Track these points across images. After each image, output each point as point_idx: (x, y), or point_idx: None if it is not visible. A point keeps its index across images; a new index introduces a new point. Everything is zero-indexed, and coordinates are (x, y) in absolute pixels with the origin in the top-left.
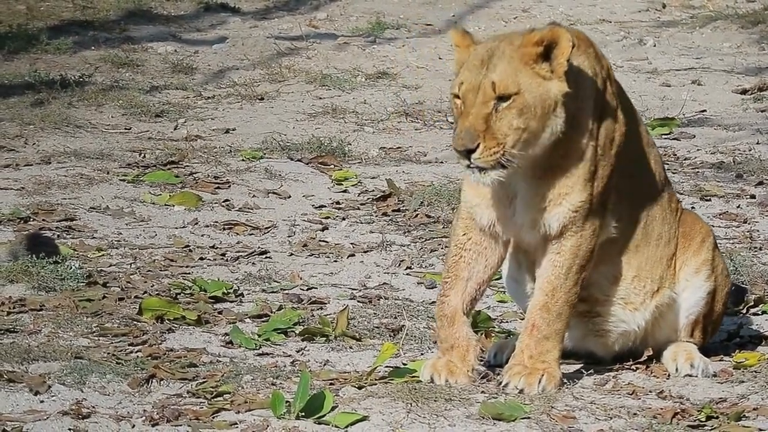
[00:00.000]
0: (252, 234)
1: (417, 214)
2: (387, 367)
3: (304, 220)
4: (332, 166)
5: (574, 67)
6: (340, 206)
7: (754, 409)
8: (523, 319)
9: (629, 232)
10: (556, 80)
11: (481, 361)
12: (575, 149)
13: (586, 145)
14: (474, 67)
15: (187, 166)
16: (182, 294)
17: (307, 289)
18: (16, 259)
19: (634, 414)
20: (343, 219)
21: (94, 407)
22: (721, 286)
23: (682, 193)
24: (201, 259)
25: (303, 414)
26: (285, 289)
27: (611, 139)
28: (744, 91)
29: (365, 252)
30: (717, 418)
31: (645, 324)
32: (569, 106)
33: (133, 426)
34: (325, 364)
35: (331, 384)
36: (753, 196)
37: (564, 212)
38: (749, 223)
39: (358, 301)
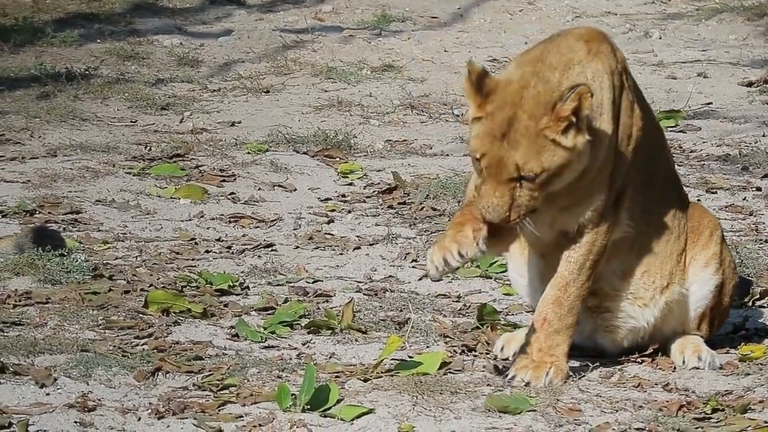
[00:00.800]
0: (258, 227)
1: (423, 207)
2: (393, 359)
3: (309, 213)
4: (338, 159)
5: (589, 76)
6: (346, 199)
7: (759, 402)
8: (529, 311)
9: (641, 227)
10: (579, 138)
11: (488, 354)
12: (597, 150)
13: (607, 148)
14: (495, 138)
15: (193, 158)
16: (188, 287)
17: (313, 282)
18: (22, 252)
19: (640, 406)
20: (349, 212)
21: (99, 400)
22: (728, 279)
23: (688, 186)
24: (207, 251)
25: (309, 407)
26: (291, 282)
27: (629, 134)
28: (750, 84)
29: (371, 245)
30: (723, 410)
31: (654, 320)
32: (590, 122)
33: (139, 419)
34: (330, 357)
35: (336, 377)
36: (759, 189)
37: (583, 211)
38: (755, 216)
39: (364, 294)
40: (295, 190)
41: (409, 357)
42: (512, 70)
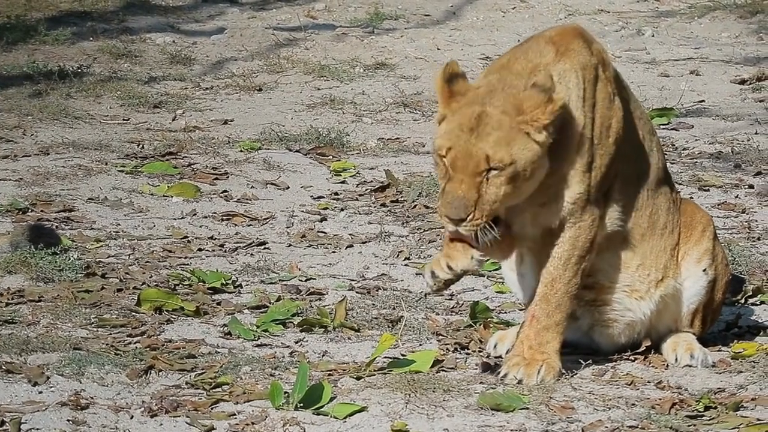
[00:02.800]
0: (250, 225)
1: (415, 205)
2: (385, 357)
3: (302, 211)
4: (330, 157)
5: (555, 78)
6: (339, 197)
7: (752, 399)
8: (522, 309)
9: (634, 221)
10: (544, 134)
11: (480, 351)
12: (568, 147)
13: (580, 139)
14: (462, 132)
15: (186, 157)
16: (181, 285)
17: (306, 280)
18: (18, 250)
19: (633, 404)
20: (342, 210)
21: (92, 398)
22: (721, 275)
23: (680, 184)
24: (199, 250)
25: (301, 405)
26: (283, 280)
27: (608, 126)
28: (742, 81)
29: (364, 243)
30: (715, 408)
31: (650, 314)
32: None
33: (132, 417)
34: (323, 355)
35: (329, 375)
36: (751, 186)
37: (563, 205)
38: (747, 213)
39: (357, 292)
40: (288, 188)
41: (402, 355)
42: (481, 77)
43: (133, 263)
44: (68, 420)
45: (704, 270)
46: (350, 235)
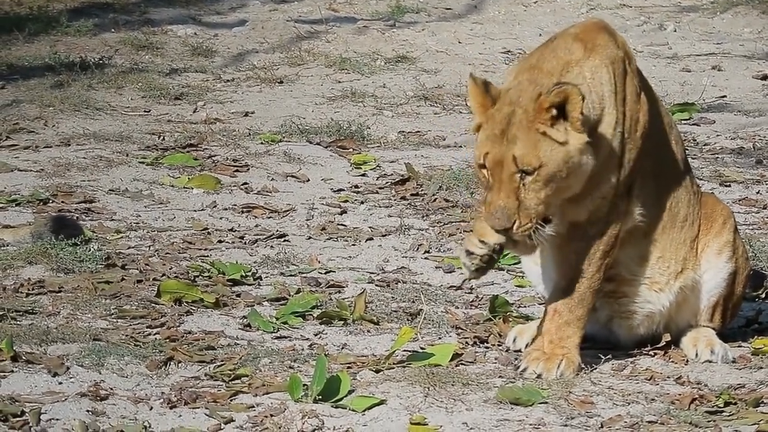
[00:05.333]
0: (270, 217)
1: (435, 199)
2: (405, 351)
3: (322, 204)
4: (351, 150)
5: (588, 75)
6: (359, 190)
7: None
8: (542, 303)
9: (655, 213)
10: (573, 135)
11: (499, 345)
12: (602, 142)
13: (612, 135)
14: (495, 137)
15: (206, 149)
16: (200, 277)
17: (325, 273)
18: (41, 241)
19: (652, 399)
20: (362, 203)
21: (112, 389)
22: (741, 269)
23: (701, 179)
24: (219, 241)
25: (320, 397)
26: (303, 273)
27: (636, 120)
28: (764, 77)
29: (383, 236)
30: (735, 404)
31: (669, 305)
32: (593, 119)
33: (151, 408)
34: (342, 348)
35: (348, 368)
36: None
37: (593, 200)
38: None
39: (376, 285)
40: (308, 180)
41: (421, 348)
42: (511, 79)
43: (153, 255)
44: (88, 411)
45: (725, 262)
46: (370, 228)
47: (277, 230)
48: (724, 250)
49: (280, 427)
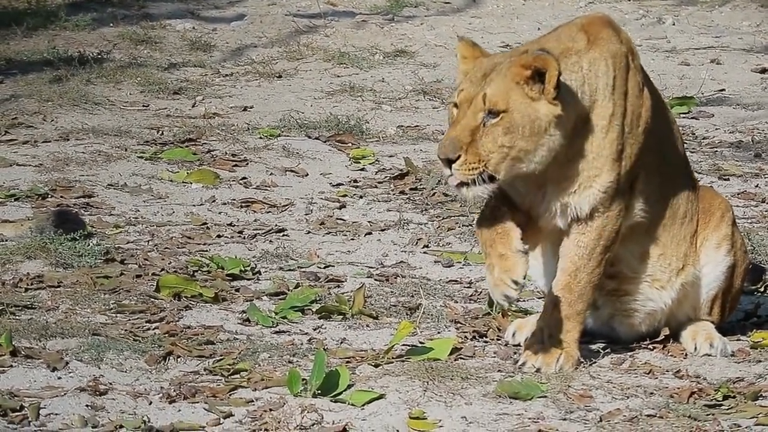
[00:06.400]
0: (269, 212)
1: (434, 193)
2: (404, 345)
3: (321, 198)
4: (350, 145)
5: (586, 64)
6: (358, 184)
7: None
8: (541, 298)
9: (657, 210)
10: (545, 102)
11: (499, 340)
12: (594, 133)
13: (609, 127)
14: (476, 78)
15: (205, 143)
16: (199, 271)
17: (324, 267)
18: (42, 235)
19: (651, 393)
20: (361, 197)
21: (111, 384)
22: (740, 262)
23: (700, 173)
24: (218, 236)
25: (319, 392)
26: (302, 267)
27: (638, 115)
28: (763, 71)
29: (382, 230)
30: (734, 397)
31: (671, 303)
32: (579, 107)
33: (150, 403)
34: (341, 342)
35: (347, 362)
36: None
37: (594, 194)
38: (767, 203)
39: (375, 280)
40: (307, 175)
41: (420, 343)
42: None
43: (152, 249)
44: (87, 405)
45: (724, 255)
46: (369, 222)
47: (276, 225)
48: (723, 243)
49: (279, 422)
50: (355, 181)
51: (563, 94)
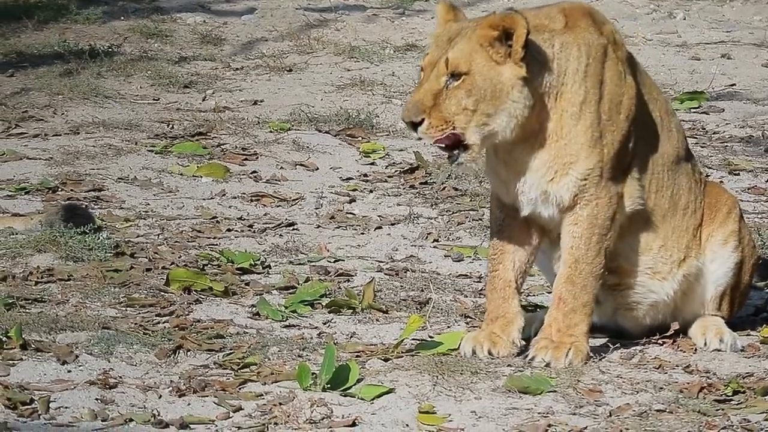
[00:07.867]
0: (279, 206)
1: (444, 187)
2: (413, 339)
3: (331, 192)
4: (360, 139)
5: (558, 45)
6: (368, 178)
7: None
8: (550, 292)
9: (656, 201)
10: (510, 65)
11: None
12: (569, 120)
13: (580, 114)
14: (441, 42)
15: (215, 137)
16: (209, 265)
17: (334, 261)
18: (52, 228)
19: (661, 388)
20: (371, 191)
21: (121, 377)
22: (748, 258)
23: (710, 167)
24: (228, 230)
25: (329, 386)
26: (312, 261)
27: (617, 103)
28: None
29: (392, 224)
30: (744, 392)
31: (674, 294)
32: (545, 83)
33: (160, 396)
34: (351, 337)
35: (357, 356)
36: None
37: (572, 181)
38: None
39: (385, 274)
40: (317, 169)
41: (430, 337)
42: None
43: (162, 243)
44: (96, 399)
45: (731, 252)
46: (379, 216)
47: (286, 219)
48: (730, 239)
49: (288, 416)
50: (365, 175)
51: (530, 59)
